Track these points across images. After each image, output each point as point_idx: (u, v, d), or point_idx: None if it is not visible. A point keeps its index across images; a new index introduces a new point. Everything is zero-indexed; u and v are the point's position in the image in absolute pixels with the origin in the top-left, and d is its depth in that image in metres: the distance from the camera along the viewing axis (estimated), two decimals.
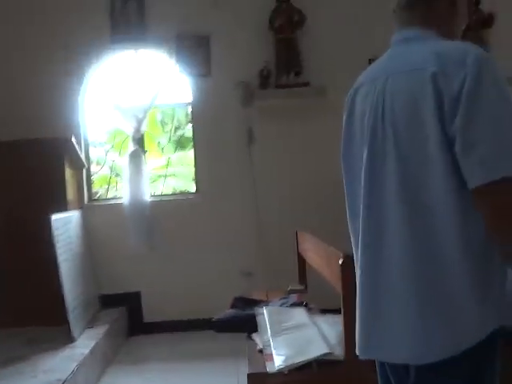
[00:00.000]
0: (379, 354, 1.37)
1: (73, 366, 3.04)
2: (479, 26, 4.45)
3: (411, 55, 1.27)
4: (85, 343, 3.49)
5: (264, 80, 4.41)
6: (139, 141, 4.50)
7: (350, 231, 1.47)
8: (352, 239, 1.46)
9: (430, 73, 1.17)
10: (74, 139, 4.09)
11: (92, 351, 3.39)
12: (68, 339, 3.46)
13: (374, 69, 1.39)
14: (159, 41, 4.41)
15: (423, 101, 1.18)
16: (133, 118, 4.40)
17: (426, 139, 1.18)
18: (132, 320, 4.48)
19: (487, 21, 4.47)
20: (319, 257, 2.72)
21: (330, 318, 2.67)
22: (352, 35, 4.51)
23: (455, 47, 1.21)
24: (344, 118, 1.44)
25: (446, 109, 1.14)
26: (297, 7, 4.39)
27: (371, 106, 1.30)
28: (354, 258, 1.44)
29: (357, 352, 1.43)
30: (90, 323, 3.93)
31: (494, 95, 1.12)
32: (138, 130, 4.42)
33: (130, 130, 4.42)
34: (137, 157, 4.42)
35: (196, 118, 4.59)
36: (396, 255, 1.25)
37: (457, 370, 1.19)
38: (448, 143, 1.15)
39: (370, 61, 4.51)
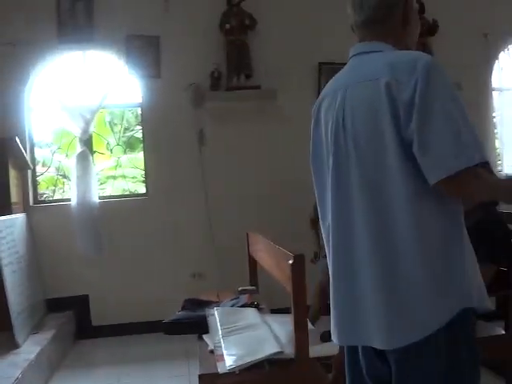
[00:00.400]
0: (355, 340, 1.43)
1: (17, 372, 2.95)
2: (424, 34, 4.61)
3: (367, 67, 1.34)
4: (30, 349, 3.39)
5: (215, 82, 4.42)
6: (87, 142, 4.42)
7: (321, 230, 1.54)
8: (324, 237, 1.53)
9: (383, 83, 1.23)
10: (17, 139, 3.98)
11: (37, 357, 3.30)
12: (12, 345, 3.35)
13: (335, 81, 1.46)
14: (108, 42, 4.35)
15: (380, 110, 1.24)
16: (80, 119, 4.31)
17: (384, 149, 1.25)
18: (80, 324, 4.38)
19: (431, 28, 4.63)
20: (270, 257, 2.75)
21: (280, 317, 2.70)
22: (302, 40, 4.60)
23: (406, 56, 1.29)
24: (311, 126, 1.53)
25: (401, 115, 1.21)
26: (247, 11, 4.42)
27: (333, 116, 1.37)
28: (327, 253, 1.50)
29: (335, 340, 1.50)
30: (36, 328, 3.82)
31: (444, 96, 1.20)
32: (85, 130, 4.34)
33: (77, 130, 4.33)
34: (84, 158, 4.34)
35: (146, 120, 4.55)
36: (364, 255, 1.33)
37: (427, 353, 1.27)
38: (405, 152, 1.23)
39: (320, 64, 4.68)
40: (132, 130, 4.79)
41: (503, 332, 2.60)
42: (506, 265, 2.51)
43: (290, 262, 2.10)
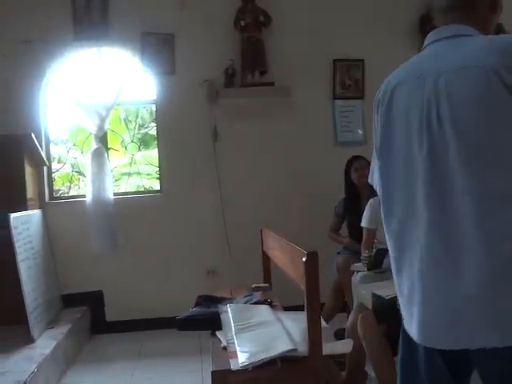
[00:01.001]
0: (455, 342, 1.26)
1: (33, 367, 2.98)
2: None
3: (464, 52, 1.25)
4: (45, 343, 3.43)
5: (229, 79, 4.42)
6: (102, 139, 4.44)
7: (385, 230, 1.44)
8: (388, 235, 1.43)
9: (494, 70, 1.17)
10: (33, 136, 4.01)
11: (53, 351, 3.33)
12: (28, 340, 3.39)
13: (412, 66, 1.37)
14: (123, 39, 4.37)
15: (490, 97, 1.17)
16: (96, 116, 4.34)
17: (495, 136, 1.18)
18: (94, 319, 4.42)
19: None
20: (283, 254, 2.74)
21: (293, 315, 2.70)
22: (316, 37, 4.59)
23: (509, 40, 1.23)
24: (379, 116, 1.41)
25: None
26: (262, 8, 4.41)
27: (421, 104, 1.28)
28: (392, 254, 1.41)
29: (424, 342, 1.31)
30: (52, 323, 3.86)
31: None
32: (101, 127, 4.36)
33: (92, 127, 4.36)
34: (100, 155, 4.36)
35: (160, 117, 4.57)
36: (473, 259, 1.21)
37: None
38: None
39: (335, 61, 4.67)
40: (147, 127, 4.80)
41: None
42: None
43: (304, 259, 2.09)
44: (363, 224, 3.57)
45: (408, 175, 1.32)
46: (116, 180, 4.71)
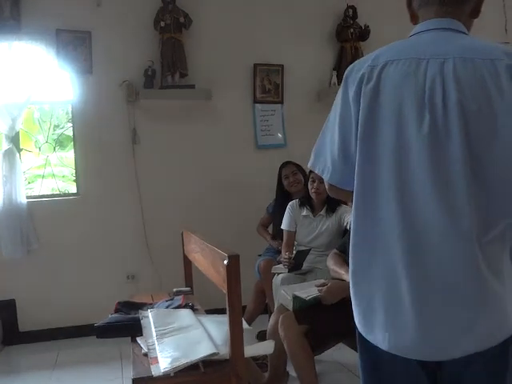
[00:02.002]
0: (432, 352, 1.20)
1: None
2: (356, 38, 4.75)
3: (468, 45, 1.25)
4: None
5: (149, 80, 4.35)
6: (14, 139, 4.24)
7: (357, 215, 1.30)
8: (355, 233, 1.31)
9: (504, 64, 1.18)
10: None
11: None
12: None
13: (408, 48, 1.30)
14: (37, 35, 4.17)
15: (495, 90, 1.17)
16: (6, 115, 4.13)
17: (495, 132, 1.17)
18: (6, 329, 4.19)
19: (363, 33, 4.77)
20: (204, 258, 2.73)
21: (215, 318, 2.70)
22: (237, 40, 4.63)
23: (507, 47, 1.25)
24: (362, 93, 1.28)
25: None
26: (183, 10, 4.39)
27: (421, 87, 1.22)
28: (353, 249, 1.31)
29: (393, 351, 1.23)
30: None
31: None
32: (12, 127, 4.16)
33: (2, 127, 4.15)
34: (11, 156, 4.16)
35: (77, 117, 4.42)
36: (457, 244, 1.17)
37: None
38: None
39: (256, 66, 4.73)
40: (62, 128, 4.63)
41: None
42: None
43: (225, 262, 2.09)
44: (283, 226, 3.64)
45: (398, 164, 1.23)
46: (29, 182, 4.50)
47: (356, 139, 1.28)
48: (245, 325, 2.22)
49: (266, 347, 2.52)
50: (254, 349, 2.41)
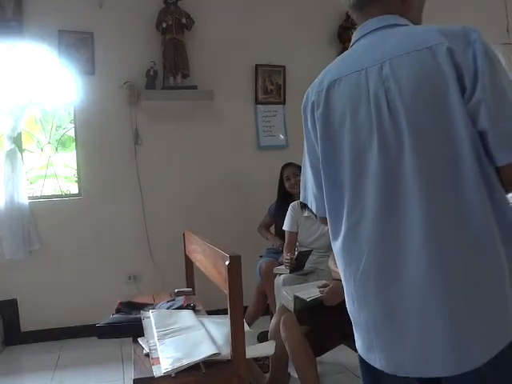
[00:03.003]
0: (407, 369, 1.16)
1: None
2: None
3: (401, 39, 1.18)
4: None
5: (151, 80, 4.36)
6: (16, 139, 4.25)
7: (334, 250, 1.34)
8: (337, 247, 1.32)
9: (444, 48, 1.10)
10: None
11: None
12: None
13: (348, 62, 1.27)
14: (39, 36, 4.18)
15: (441, 79, 1.10)
16: (9, 116, 4.14)
17: (447, 118, 1.10)
18: (8, 330, 4.20)
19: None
20: (206, 258, 2.73)
21: (216, 318, 2.70)
22: (239, 41, 4.63)
23: (453, 26, 1.16)
24: (316, 120, 1.30)
25: (466, 83, 1.09)
26: (185, 10, 4.39)
27: (367, 98, 1.18)
28: (342, 266, 1.30)
29: (378, 365, 1.20)
30: None
31: (502, 70, 1.12)
32: (14, 128, 4.17)
33: (5, 127, 4.16)
34: (13, 156, 4.17)
35: (79, 118, 4.42)
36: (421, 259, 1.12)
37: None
38: (470, 120, 1.09)
39: (257, 66, 4.74)
40: (64, 128, 4.63)
41: None
42: None
43: (227, 262, 2.09)
44: (285, 227, 3.64)
45: (357, 182, 1.21)
46: (31, 183, 4.50)
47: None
48: (246, 326, 2.22)
49: (267, 348, 2.52)
50: (255, 350, 2.41)
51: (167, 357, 2.19)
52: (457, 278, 1.09)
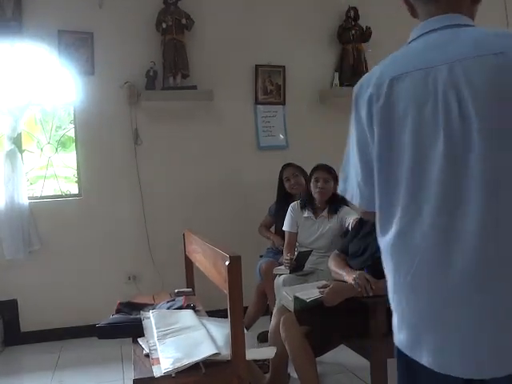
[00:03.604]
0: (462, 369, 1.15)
1: None
2: (357, 40, 4.76)
3: (477, 40, 1.16)
4: None
5: (151, 81, 4.35)
6: (16, 140, 4.24)
7: (382, 247, 1.29)
8: (384, 248, 1.28)
9: (507, 54, 1.09)
10: None
11: None
12: None
13: (414, 57, 1.23)
14: (39, 36, 4.17)
15: (509, 82, 1.10)
16: (9, 116, 4.14)
17: None
18: (8, 330, 4.19)
19: (365, 35, 4.78)
20: (206, 258, 2.74)
21: (216, 319, 2.70)
22: (239, 41, 4.63)
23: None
24: (374, 114, 1.24)
25: None
26: (184, 11, 4.39)
27: (433, 99, 1.16)
28: (389, 267, 1.28)
29: (428, 364, 1.18)
30: None
31: None
32: (14, 128, 4.17)
33: (5, 128, 4.16)
34: (13, 157, 4.17)
35: (79, 118, 4.42)
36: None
37: None
38: None
39: (257, 67, 4.73)
40: (64, 129, 4.63)
41: None
42: None
43: (227, 263, 2.10)
44: (285, 227, 3.64)
45: (418, 179, 1.18)
46: (31, 183, 4.50)
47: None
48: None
49: (268, 352, 2.52)
50: (255, 353, 2.41)
51: (167, 357, 2.19)
52: (510, 279, 1.09)
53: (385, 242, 1.27)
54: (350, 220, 3.28)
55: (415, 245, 1.19)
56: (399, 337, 1.26)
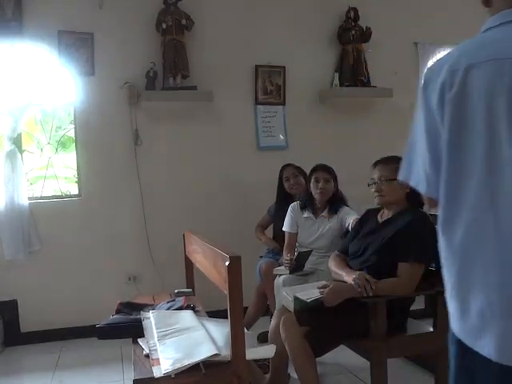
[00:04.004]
0: None
1: None
2: (357, 40, 4.76)
3: None
4: None
5: (151, 81, 4.35)
6: (16, 140, 4.24)
7: (444, 238, 1.24)
8: (445, 248, 1.24)
9: None
10: None
11: None
12: None
13: (490, 46, 1.20)
14: (39, 37, 4.17)
15: None
16: (9, 117, 4.14)
17: None
18: (8, 330, 4.19)
19: (365, 35, 4.78)
20: (206, 259, 2.74)
21: (216, 319, 2.70)
22: (238, 42, 4.64)
23: None
24: (446, 101, 1.21)
25: None
26: (184, 11, 4.39)
27: (507, 91, 1.13)
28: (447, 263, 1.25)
29: (485, 353, 1.16)
30: None
31: None
32: (14, 128, 4.17)
33: (5, 128, 4.16)
34: (13, 157, 4.17)
35: (79, 118, 4.42)
36: None
37: None
38: None
39: (257, 67, 4.73)
40: (64, 129, 4.63)
41: (431, 330, 2.70)
42: (435, 264, 2.62)
43: (227, 263, 2.10)
44: (285, 228, 3.64)
45: (489, 173, 1.15)
46: (31, 184, 4.50)
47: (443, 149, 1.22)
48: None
49: (267, 351, 2.52)
50: (255, 352, 2.41)
51: (167, 357, 2.19)
52: None
53: (450, 234, 1.23)
54: (350, 220, 3.28)
55: (486, 236, 1.16)
56: (461, 326, 1.22)
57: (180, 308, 2.94)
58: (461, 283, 1.22)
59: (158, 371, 2.12)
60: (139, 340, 2.54)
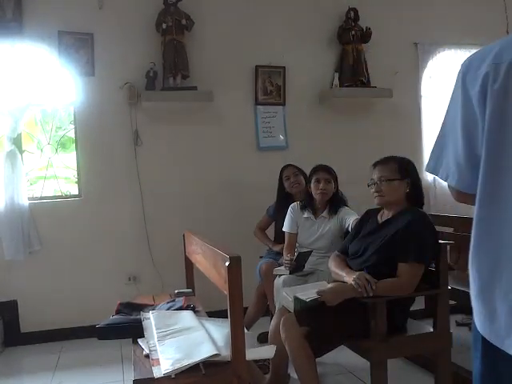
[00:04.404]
0: None
1: None
2: (358, 40, 4.76)
3: None
4: None
5: (151, 81, 4.36)
6: (16, 140, 4.25)
7: (479, 221, 1.21)
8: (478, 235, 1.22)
9: None
10: None
11: None
12: None
13: None
14: (39, 37, 4.18)
15: None
16: (9, 117, 4.14)
17: None
18: (8, 331, 4.19)
19: (365, 36, 4.79)
20: (206, 259, 2.74)
21: (216, 320, 2.70)
22: (239, 42, 4.64)
23: None
24: (489, 94, 1.18)
25: None
26: (184, 11, 4.39)
27: None
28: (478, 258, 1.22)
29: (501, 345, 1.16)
30: None
31: None
32: (14, 129, 4.17)
33: (5, 128, 4.16)
34: (13, 157, 4.17)
35: (79, 119, 4.42)
36: None
37: None
38: None
39: (257, 67, 4.73)
40: (64, 129, 4.63)
41: (431, 330, 2.70)
42: (434, 264, 2.62)
43: (227, 263, 2.09)
44: (285, 228, 3.64)
45: None
46: (31, 184, 4.50)
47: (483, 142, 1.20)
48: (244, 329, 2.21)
49: (267, 351, 2.52)
50: (255, 352, 2.41)
51: (167, 358, 2.19)
52: None
53: (488, 229, 1.20)
54: (350, 220, 3.28)
55: None
56: (490, 326, 1.21)
57: (180, 308, 2.94)
58: (492, 283, 1.19)
59: (158, 371, 2.12)
60: (139, 340, 2.54)
